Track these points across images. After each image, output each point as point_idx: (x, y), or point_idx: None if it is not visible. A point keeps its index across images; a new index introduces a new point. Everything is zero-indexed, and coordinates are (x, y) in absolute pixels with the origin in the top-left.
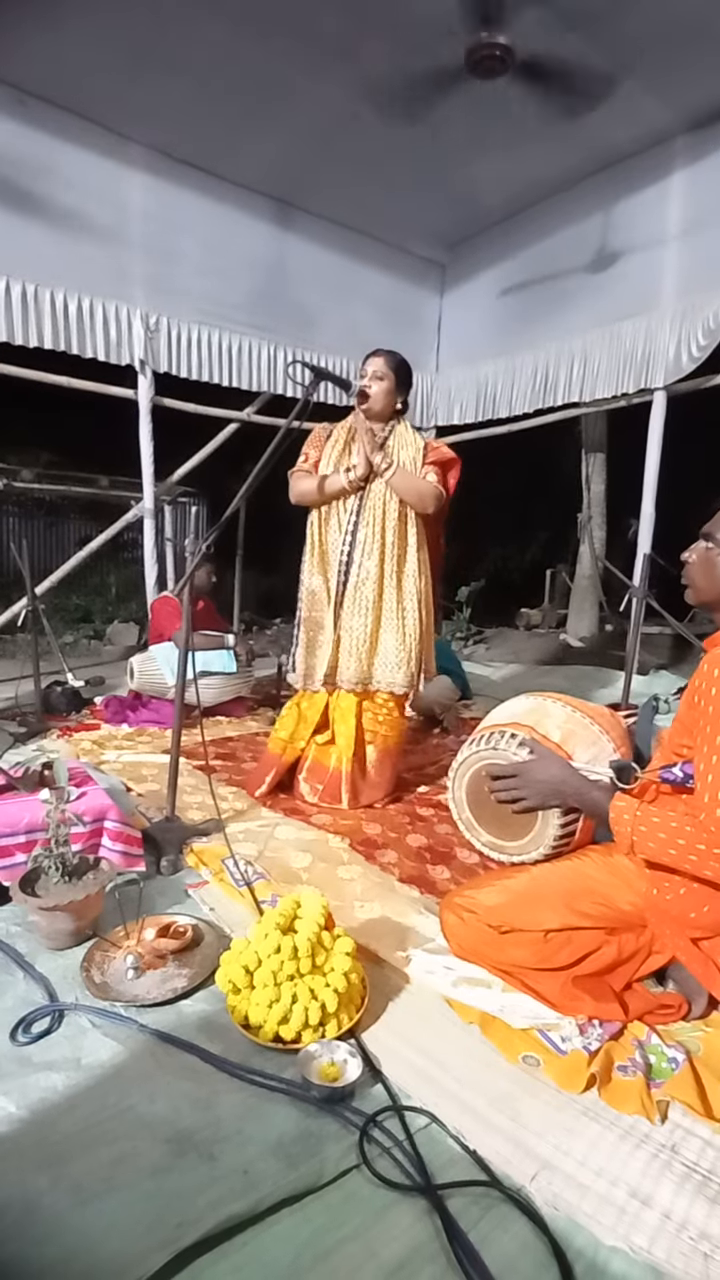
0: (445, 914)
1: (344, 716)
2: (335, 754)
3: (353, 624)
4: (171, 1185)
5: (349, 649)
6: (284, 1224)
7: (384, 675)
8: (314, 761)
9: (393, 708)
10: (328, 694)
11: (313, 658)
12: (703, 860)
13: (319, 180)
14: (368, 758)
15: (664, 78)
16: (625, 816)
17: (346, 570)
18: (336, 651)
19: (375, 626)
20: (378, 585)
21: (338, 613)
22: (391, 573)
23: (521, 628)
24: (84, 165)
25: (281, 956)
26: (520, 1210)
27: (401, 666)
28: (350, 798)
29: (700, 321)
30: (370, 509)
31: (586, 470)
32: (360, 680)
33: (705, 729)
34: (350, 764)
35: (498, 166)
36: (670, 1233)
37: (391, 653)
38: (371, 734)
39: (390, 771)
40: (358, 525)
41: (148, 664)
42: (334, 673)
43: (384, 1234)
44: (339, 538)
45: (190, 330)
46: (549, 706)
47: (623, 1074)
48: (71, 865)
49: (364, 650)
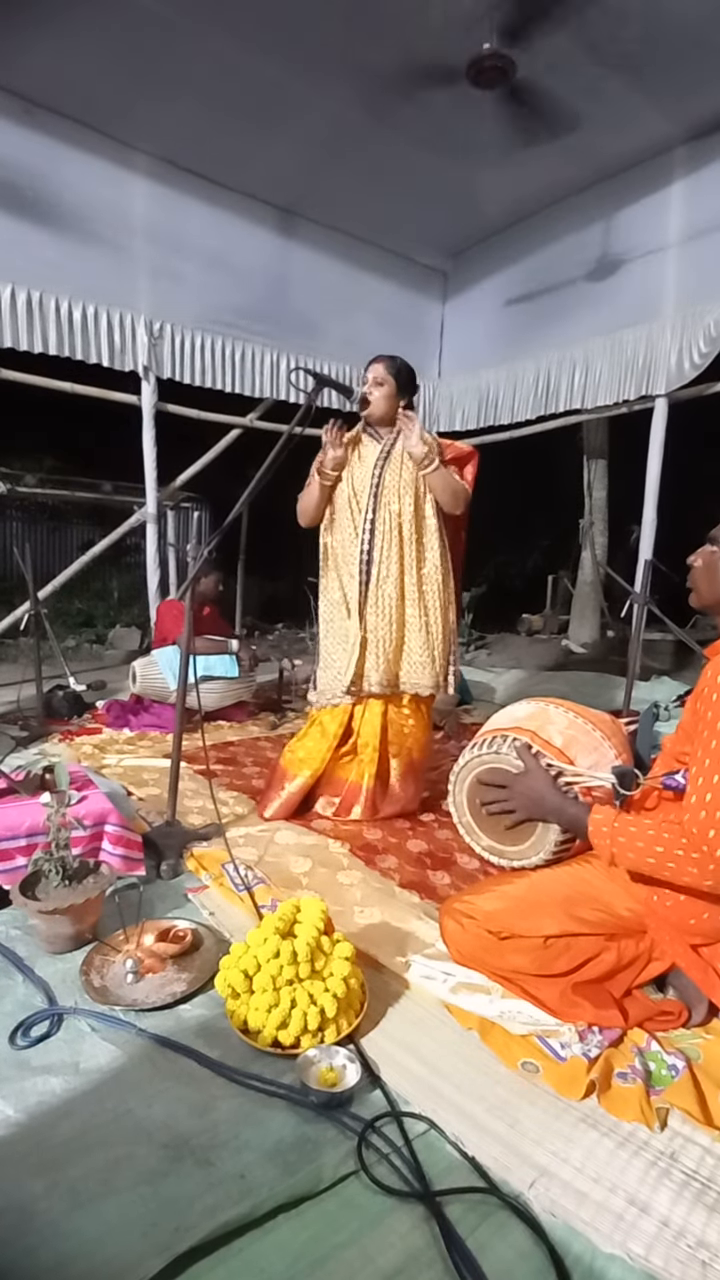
0: (445, 920)
1: (369, 728)
2: (356, 767)
3: (377, 624)
4: (168, 1190)
5: (375, 650)
6: (281, 1230)
7: (410, 677)
8: (330, 775)
9: (419, 716)
10: (353, 704)
11: (338, 665)
12: (680, 866)
13: (322, 189)
14: (392, 772)
15: (664, 88)
16: (604, 829)
17: (368, 569)
18: (363, 655)
19: (400, 625)
20: (398, 582)
21: (362, 614)
22: (411, 567)
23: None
24: (89, 173)
25: (281, 961)
26: (518, 1217)
27: (427, 666)
28: (366, 810)
29: (701, 329)
30: (385, 505)
31: (588, 477)
32: (388, 683)
33: (703, 734)
34: (372, 779)
35: (499, 176)
36: (668, 1240)
37: (417, 652)
38: (396, 747)
39: (415, 787)
40: (374, 523)
41: (149, 668)
42: (360, 679)
43: (381, 1240)
44: (355, 539)
45: (194, 337)
46: (551, 712)
47: (622, 1081)
48: (72, 869)
49: (390, 651)
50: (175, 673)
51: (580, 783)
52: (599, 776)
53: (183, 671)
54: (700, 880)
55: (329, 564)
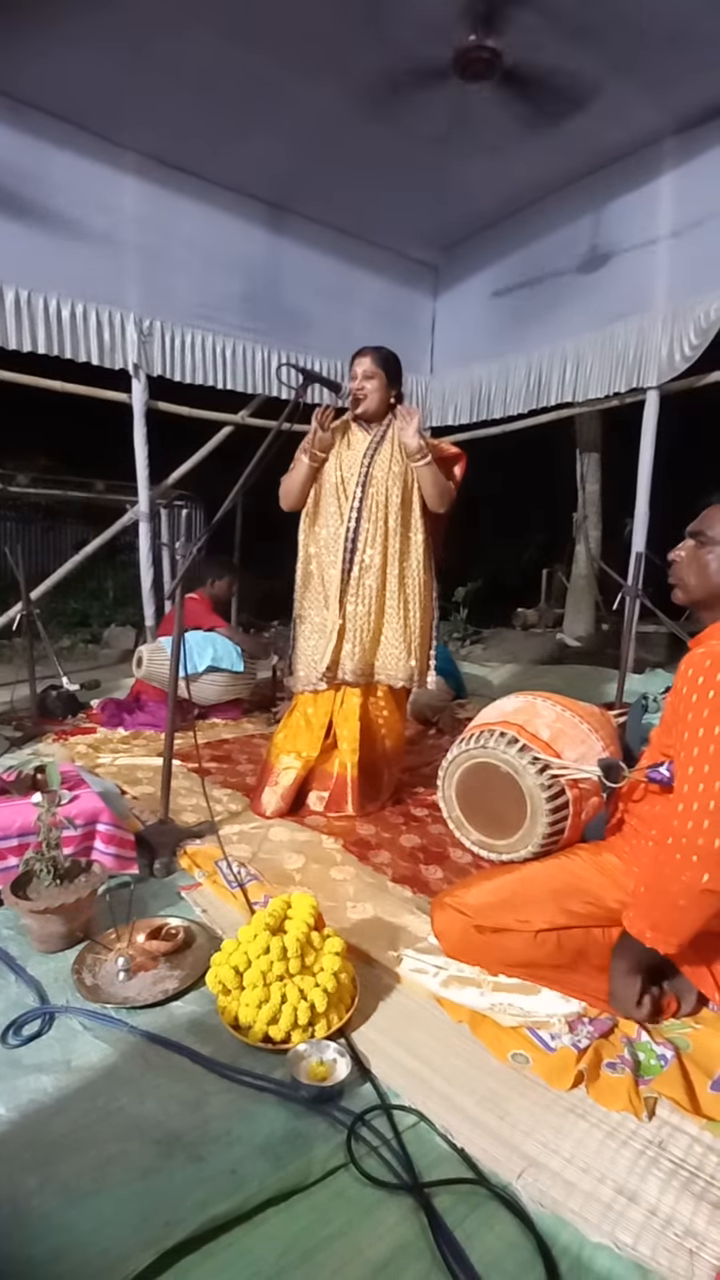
0: (436, 914)
1: (348, 717)
2: (337, 758)
3: (356, 612)
4: (159, 1185)
5: (352, 638)
6: (270, 1223)
7: (385, 668)
8: (317, 769)
9: (393, 707)
10: (332, 693)
11: (314, 652)
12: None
13: (312, 184)
14: (369, 762)
15: (653, 79)
16: (630, 915)
17: (351, 558)
18: (340, 642)
19: (378, 616)
20: (380, 574)
21: (342, 602)
22: (395, 561)
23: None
24: (76, 171)
25: (271, 957)
26: (506, 1208)
27: (402, 659)
28: (357, 803)
29: (692, 321)
30: (372, 496)
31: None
32: (363, 673)
33: (684, 735)
34: (355, 769)
35: (489, 169)
36: (656, 1229)
37: (393, 644)
38: (372, 736)
39: (389, 775)
40: (361, 513)
41: (157, 654)
42: (336, 666)
43: (370, 1232)
44: (340, 526)
45: (184, 334)
46: (539, 705)
47: (611, 1071)
48: (63, 868)
49: (367, 641)
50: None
51: (567, 775)
52: (585, 769)
53: (174, 669)
54: (697, 879)
55: (309, 553)
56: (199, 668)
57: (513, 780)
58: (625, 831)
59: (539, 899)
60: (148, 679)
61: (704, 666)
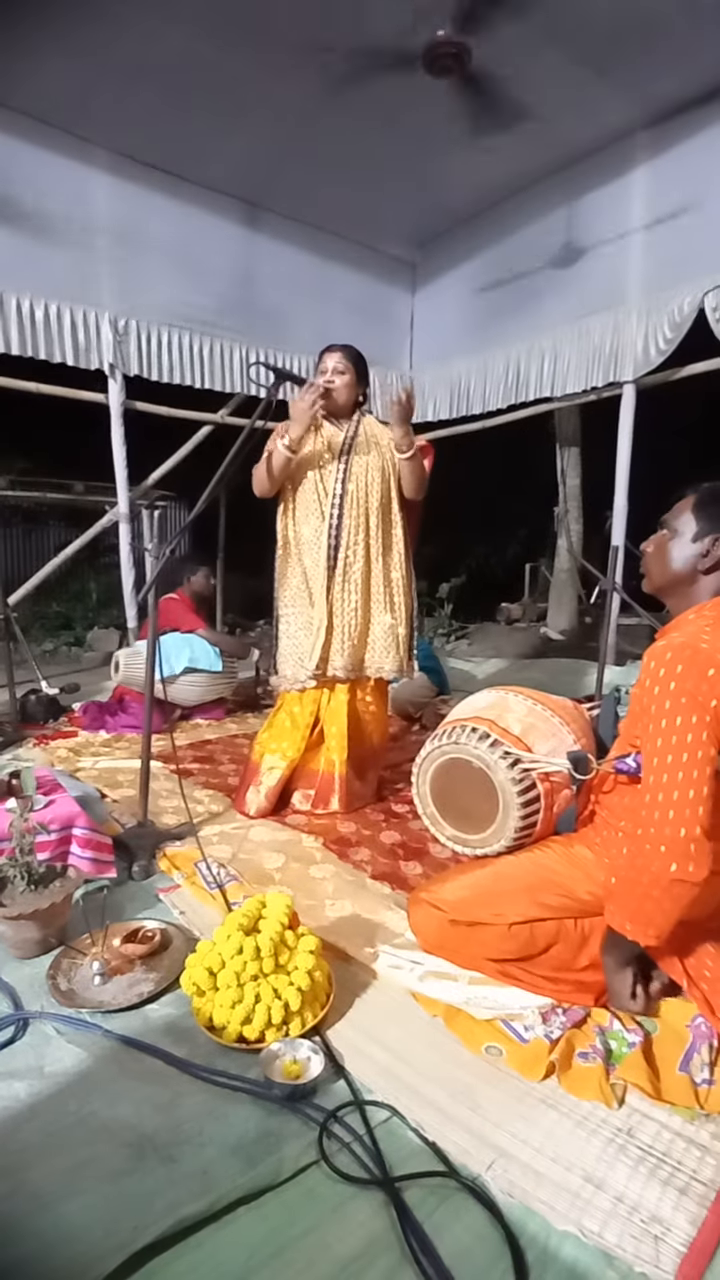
0: (412, 909)
1: (336, 714)
2: (323, 755)
3: (343, 608)
4: (130, 1188)
5: (340, 634)
6: (240, 1222)
7: (375, 660)
8: (303, 767)
9: (379, 701)
10: (318, 690)
11: (301, 650)
12: (647, 863)
13: (286, 181)
14: (358, 757)
15: (622, 74)
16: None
17: (335, 554)
18: (329, 639)
19: (365, 609)
20: (364, 567)
21: (329, 599)
22: (378, 555)
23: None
24: (46, 169)
25: (244, 957)
26: (476, 1199)
27: (391, 650)
28: (343, 800)
29: (666, 314)
30: (353, 492)
31: (561, 465)
32: (353, 667)
33: (648, 727)
34: (344, 766)
35: (462, 164)
36: (622, 1216)
37: (381, 636)
38: (360, 732)
39: (375, 772)
40: (342, 508)
41: (134, 658)
42: (325, 663)
43: (340, 1228)
44: (321, 524)
45: (160, 333)
46: (510, 700)
47: (583, 1061)
48: (38, 874)
49: (356, 635)
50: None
51: (537, 769)
52: (554, 762)
53: (149, 669)
54: (665, 868)
55: (289, 550)
56: (176, 669)
57: (485, 775)
58: (596, 823)
59: (513, 893)
60: (126, 683)
61: (664, 659)
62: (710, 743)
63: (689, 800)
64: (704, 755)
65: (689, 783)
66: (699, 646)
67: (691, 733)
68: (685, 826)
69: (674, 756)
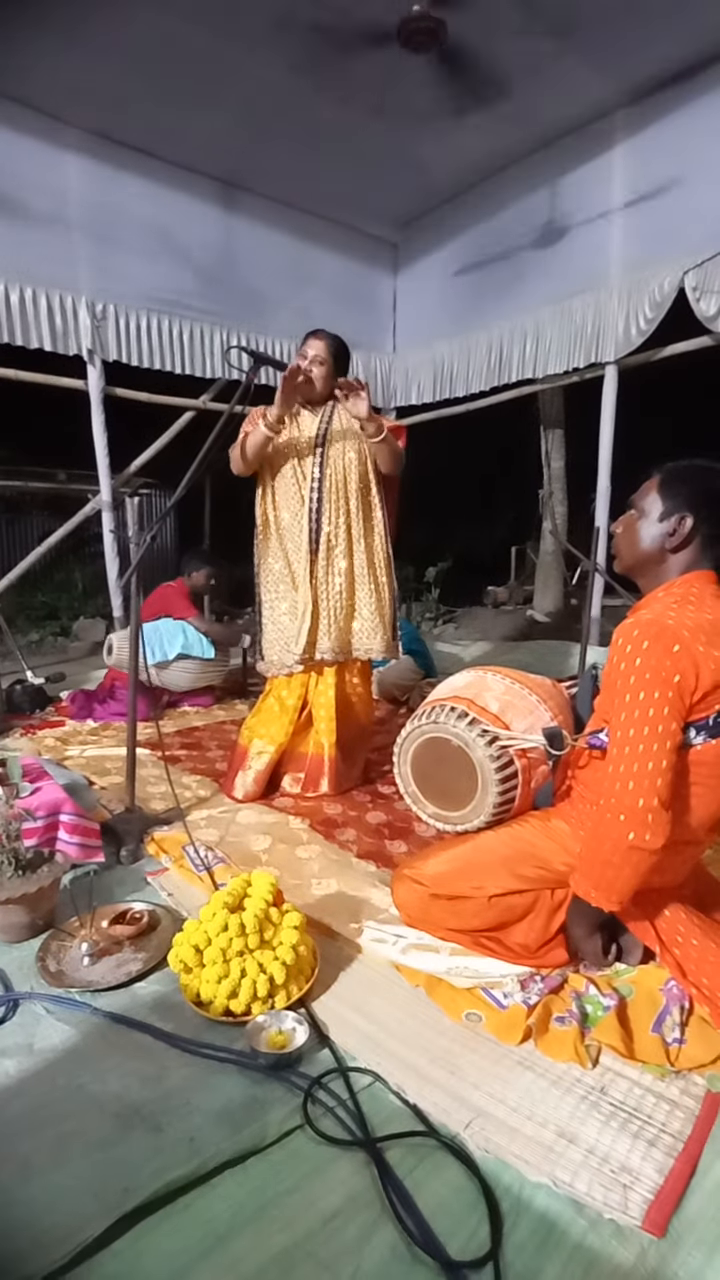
0: (395, 885)
1: (323, 697)
2: (312, 738)
3: (329, 592)
4: (118, 1156)
5: (327, 617)
6: (226, 1184)
7: (362, 642)
8: (291, 750)
9: (365, 682)
10: (305, 674)
11: (287, 635)
12: (609, 830)
13: (264, 160)
14: (346, 739)
15: (601, 51)
16: (576, 876)
17: (316, 538)
18: (316, 622)
19: (350, 591)
20: (347, 549)
21: (313, 583)
22: (359, 536)
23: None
24: (17, 150)
25: (230, 934)
26: (454, 1156)
27: (378, 631)
28: (333, 782)
29: (647, 294)
30: (331, 476)
31: (546, 447)
32: (340, 650)
33: (614, 702)
34: (334, 748)
35: (442, 143)
36: (593, 1167)
37: (368, 618)
38: (348, 713)
39: (362, 753)
40: (322, 492)
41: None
42: (312, 647)
43: (323, 1186)
44: (301, 509)
45: (139, 317)
46: (488, 680)
47: (560, 1024)
48: (25, 859)
49: (341, 617)
50: (156, 647)
51: (515, 745)
52: (530, 739)
53: (133, 657)
54: (624, 836)
55: (268, 533)
56: (169, 655)
57: (463, 753)
58: (572, 797)
59: (492, 866)
60: (118, 666)
61: (632, 636)
62: (673, 717)
63: (648, 772)
64: (665, 729)
65: (649, 755)
66: (665, 623)
67: (654, 707)
68: (644, 796)
69: (636, 730)
